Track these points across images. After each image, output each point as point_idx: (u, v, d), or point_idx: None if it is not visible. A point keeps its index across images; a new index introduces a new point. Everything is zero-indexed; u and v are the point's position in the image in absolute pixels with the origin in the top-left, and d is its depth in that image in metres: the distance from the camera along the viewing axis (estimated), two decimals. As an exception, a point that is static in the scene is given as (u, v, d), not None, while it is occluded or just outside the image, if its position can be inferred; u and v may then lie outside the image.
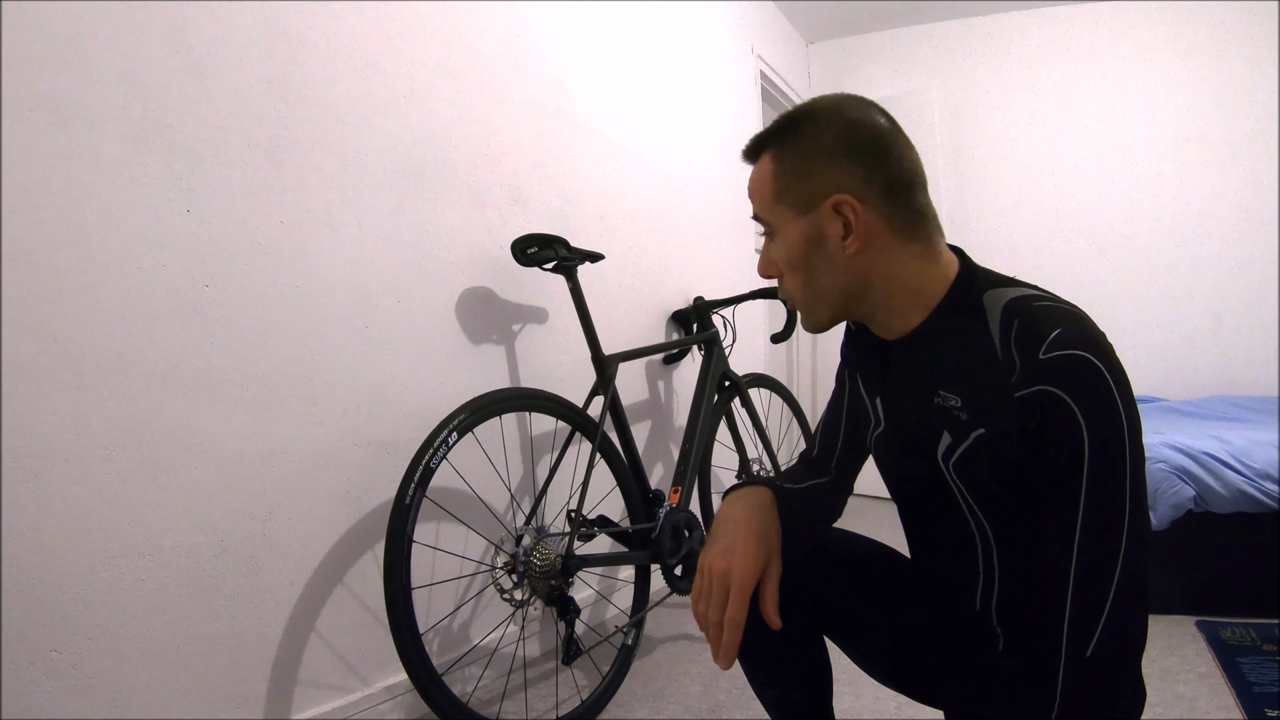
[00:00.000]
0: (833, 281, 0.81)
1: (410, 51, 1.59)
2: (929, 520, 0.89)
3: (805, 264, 0.81)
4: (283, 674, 1.32)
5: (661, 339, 2.45)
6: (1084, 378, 0.66)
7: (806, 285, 0.82)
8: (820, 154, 0.79)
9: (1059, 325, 0.69)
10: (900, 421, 0.88)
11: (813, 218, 0.79)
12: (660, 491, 1.86)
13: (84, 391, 1.07)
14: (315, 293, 1.39)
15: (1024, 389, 0.69)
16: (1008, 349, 0.71)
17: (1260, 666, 1.67)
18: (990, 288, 0.78)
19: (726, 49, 3.08)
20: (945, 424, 0.78)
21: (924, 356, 0.81)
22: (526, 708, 1.61)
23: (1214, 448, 2.01)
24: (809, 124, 0.80)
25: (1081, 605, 0.67)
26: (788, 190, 0.80)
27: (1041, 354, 0.68)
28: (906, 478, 0.90)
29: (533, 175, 1.92)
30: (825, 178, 0.78)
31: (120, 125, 1.12)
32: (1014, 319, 0.72)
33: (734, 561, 0.82)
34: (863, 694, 1.59)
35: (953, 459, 0.78)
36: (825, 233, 0.78)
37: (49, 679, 1.02)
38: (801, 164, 0.79)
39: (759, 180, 0.84)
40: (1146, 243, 3.45)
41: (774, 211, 0.82)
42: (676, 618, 2.17)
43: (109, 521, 1.09)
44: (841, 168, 0.78)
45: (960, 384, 0.77)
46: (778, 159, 0.81)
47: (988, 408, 0.73)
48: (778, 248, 0.83)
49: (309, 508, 1.37)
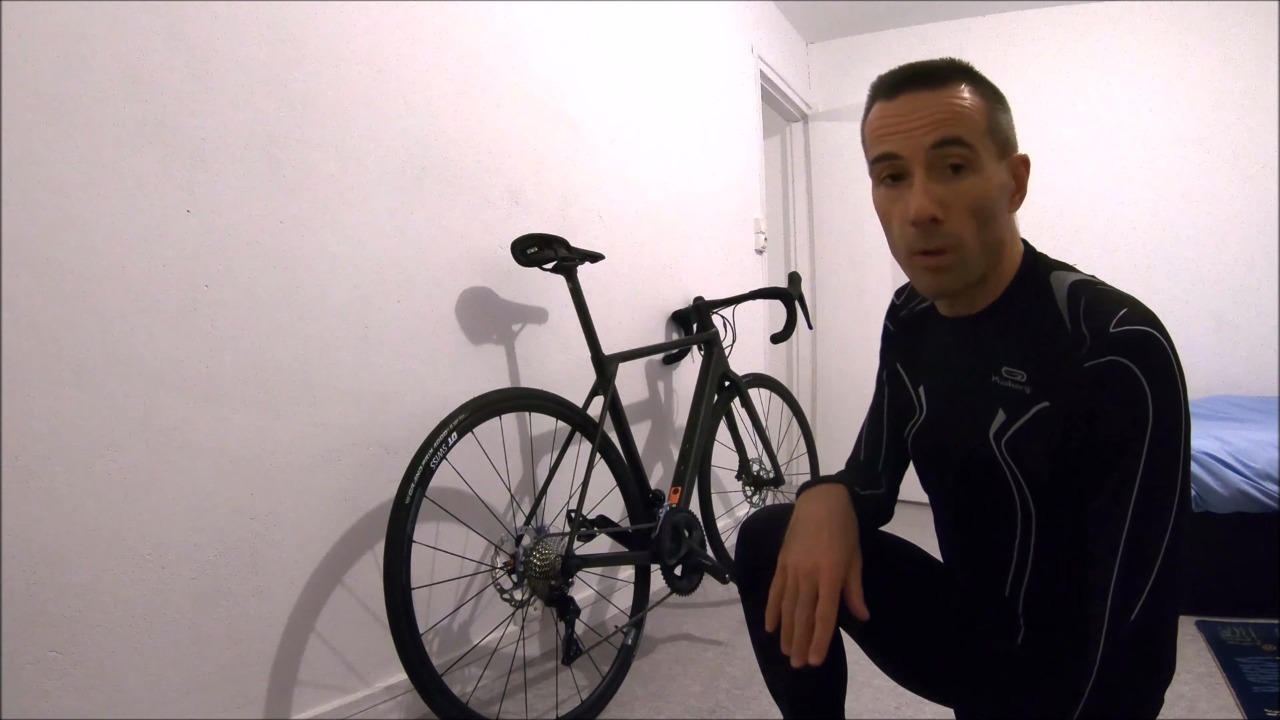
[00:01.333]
0: (1000, 233, 0.79)
1: (410, 51, 1.59)
2: (969, 505, 0.89)
3: (993, 207, 0.77)
4: (283, 674, 1.32)
5: (661, 339, 2.45)
6: (1153, 352, 0.69)
7: (983, 231, 0.77)
8: (1006, 109, 0.80)
9: (1126, 305, 0.72)
10: (948, 405, 0.89)
11: (1006, 165, 0.79)
12: (660, 491, 1.86)
13: (84, 391, 1.07)
14: (315, 293, 1.39)
15: (1095, 359, 0.71)
16: (1077, 324, 0.74)
17: (1260, 666, 1.67)
18: (1054, 269, 0.81)
19: (726, 49, 3.08)
20: (1002, 402, 0.80)
21: (990, 333, 0.83)
22: (526, 708, 1.61)
23: (1214, 448, 2.01)
24: (981, 76, 0.80)
25: (1126, 576, 0.68)
26: (997, 129, 0.78)
27: (1113, 327, 0.70)
28: (949, 462, 0.90)
29: (533, 175, 1.92)
30: (1012, 131, 0.80)
31: (120, 125, 1.12)
32: (1081, 296, 0.75)
33: (820, 558, 0.82)
34: (862, 694, 1.59)
35: (1006, 436, 0.80)
36: (1006, 184, 0.79)
37: (49, 679, 1.02)
38: (1002, 108, 0.79)
39: (967, 105, 0.76)
40: (1146, 243, 3.45)
41: (983, 143, 0.76)
42: (676, 618, 2.17)
43: (109, 521, 1.09)
44: (1014, 128, 0.81)
45: (1028, 358, 0.78)
46: (982, 95, 0.77)
47: (1054, 380, 0.75)
48: (971, 184, 0.76)
49: (309, 508, 1.37)
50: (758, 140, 3.33)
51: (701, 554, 1.86)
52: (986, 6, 3.62)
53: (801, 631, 0.81)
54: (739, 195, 3.10)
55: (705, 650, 1.92)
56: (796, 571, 0.82)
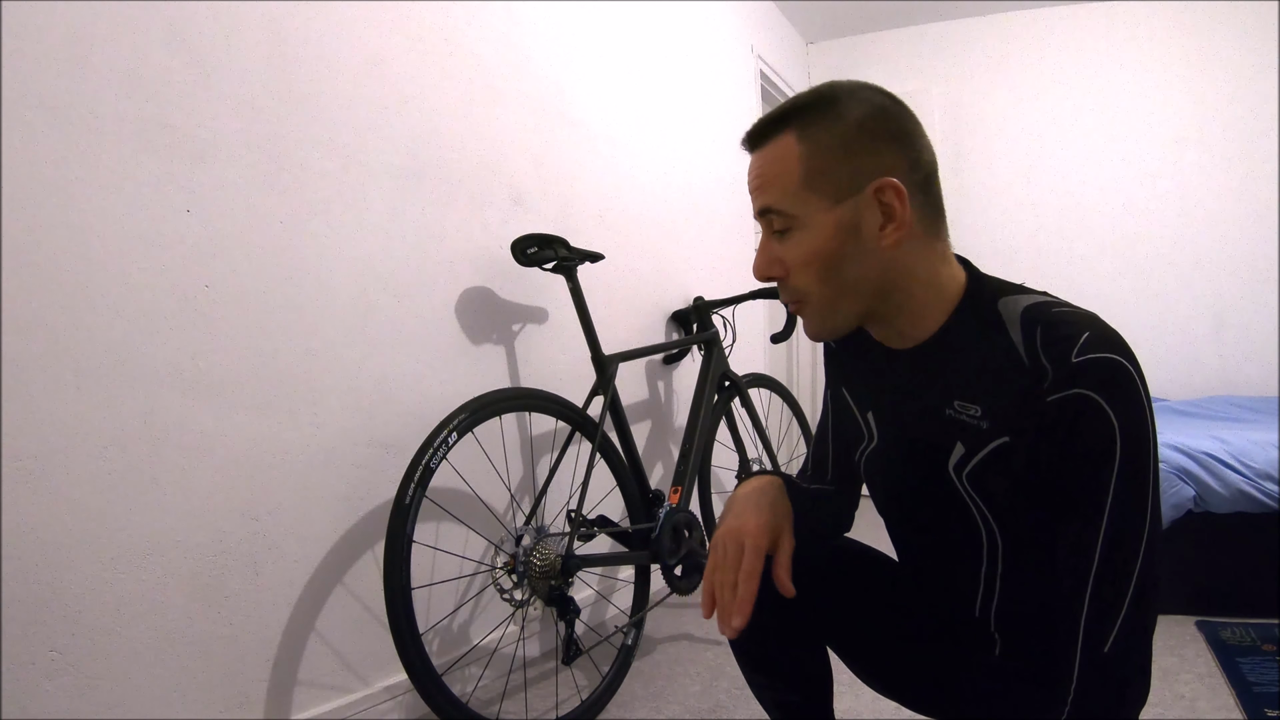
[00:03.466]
0: (864, 275, 0.75)
1: (410, 51, 1.59)
2: (930, 531, 0.88)
3: (834, 258, 0.74)
4: (283, 674, 1.32)
5: (661, 339, 2.45)
6: (1117, 380, 0.67)
7: (830, 281, 0.75)
8: (861, 133, 0.73)
9: (1086, 329, 0.68)
10: (901, 435, 0.86)
11: (851, 203, 0.73)
12: (660, 491, 1.86)
13: (84, 391, 1.07)
14: (315, 293, 1.39)
15: (1058, 393, 0.68)
16: (1035, 355, 0.70)
17: (1260, 666, 1.67)
18: (1001, 295, 0.76)
19: (726, 49, 3.08)
20: (959, 436, 0.77)
21: (938, 366, 0.79)
22: (526, 708, 1.61)
23: (1214, 448, 2.01)
24: (839, 103, 0.74)
25: (1098, 605, 0.67)
26: (823, 173, 0.73)
27: (1074, 357, 0.67)
28: (905, 491, 0.88)
29: (533, 175, 1.92)
30: (868, 159, 0.73)
31: (120, 125, 1.12)
32: (1036, 325, 0.71)
33: (747, 522, 0.82)
34: (862, 694, 1.59)
35: (966, 470, 0.76)
36: (863, 220, 0.73)
37: (49, 679, 1.02)
38: (840, 143, 0.73)
39: (779, 165, 0.74)
40: (1146, 243, 3.45)
41: (799, 200, 0.74)
42: (676, 618, 2.17)
43: (109, 521, 1.09)
44: (886, 149, 0.73)
45: (981, 392, 0.75)
46: (807, 139, 0.73)
47: (1012, 415, 0.72)
48: (797, 242, 0.75)
49: (309, 508, 1.37)
50: (758, 140, 3.33)
51: (701, 554, 1.86)
52: (986, 6, 3.62)
53: (726, 595, 0.78)
54: (739, 195, 3.10)
55: (705, 650, 1.92)
56: (724, 538, 0.82)
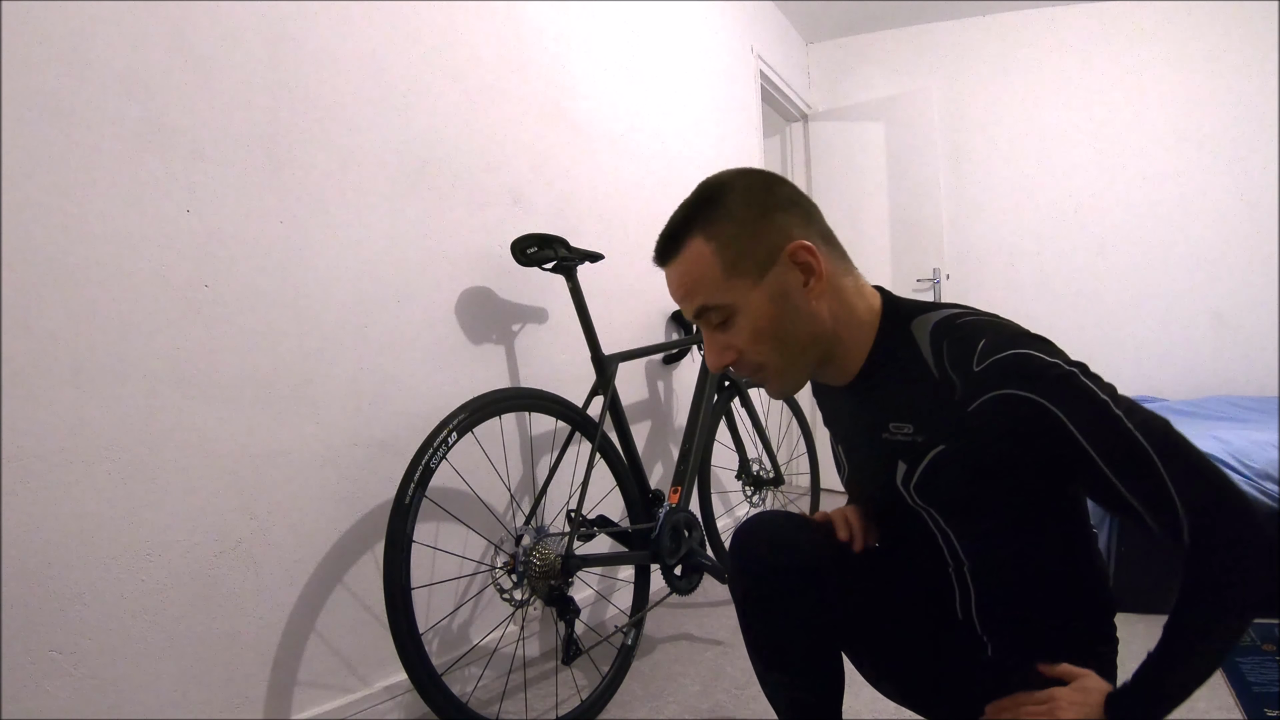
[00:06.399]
0: (806, 331, 0.82)
1: (410, 51, 1.59)
2: (904, 545, 0.94)
3: (777, 325, 0.81)
4: (283, 674, 1.32)
5: (661, 339, 2.45)
6: (1023, 370, 0.71)
7: (781, 346, 0.82)
8: (759, 212, 0.80)
9: (982, 336, 0.74)
10: (862, 461, 0.94)
11: (774, 274, 0.80)
12: (660, 491, 1.86)
13: (84, 391, 1.07)
14: (315, 292, 1.39)
15: (973, 403, 0.73)
16: (944, 372, 0.75)
17: (1260, 666, 1.67)
18: (915, 315, 0.82)
19: (726, 49, 3.08)
20: (899, 454, 0.83)
21: (871, 393, 0.86)
22: (526, 708, 1.61)
23: (1214, 448, 2.01)
24: (726, 196, 0.82)
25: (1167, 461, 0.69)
26: (740, 259, 0.80)
27: (975, 366, 0.72)
28: (876, 511, 0.96)
29: (533, 175, 1.92)
30: (773, 232, 0.80)
31: (120, 125, 1.12)
32: (942, 340, 0.77)
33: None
34: (862, 694, 1.59)
35: (912, 483, 0.83)
36: (788, 285, 0.80)
37: (49, 679, 1.02)
38: (743, 228, 0.80)
39: (698, 267, 0.81)
40: (1146, 243, 3.45)
41: (728, 289, 0.80)
42: (676, 618, 2.17)
43: (109, 521, 1.09)
44: (784, 218, 0.81)
45: (910, 411, 0.81)
46: (714, 236, 0.80)
47: (942, 426, 0.77)
48: (740, 326, 0.82)
49: (309, 508, 1.37)
50: (758, 140, 3.33)
51: (701, 554, 1.86)
52: (986, 6, 3.62)
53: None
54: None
55: (705, 650, 1.92)
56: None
